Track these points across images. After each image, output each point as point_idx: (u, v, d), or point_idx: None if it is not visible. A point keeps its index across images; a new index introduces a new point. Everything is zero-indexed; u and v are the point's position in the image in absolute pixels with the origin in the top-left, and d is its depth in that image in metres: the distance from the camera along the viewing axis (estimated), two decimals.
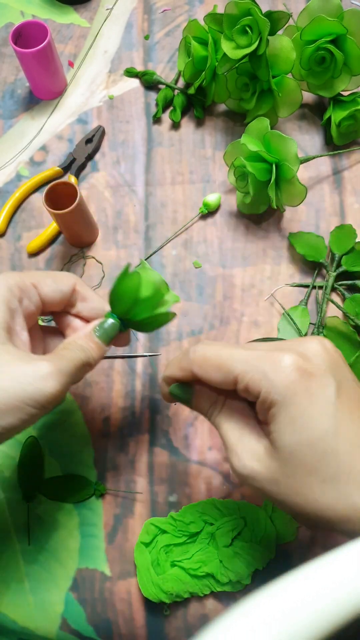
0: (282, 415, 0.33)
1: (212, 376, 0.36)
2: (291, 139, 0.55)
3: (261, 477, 0.34)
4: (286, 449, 0.33)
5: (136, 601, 0.51)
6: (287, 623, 0.28)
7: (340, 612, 0.28)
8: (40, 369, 0.36)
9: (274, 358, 0.34)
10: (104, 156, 0.67)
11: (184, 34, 0.64)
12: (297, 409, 0.33)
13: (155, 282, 0.41)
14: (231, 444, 0.36)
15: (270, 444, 0.34)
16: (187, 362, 0.37)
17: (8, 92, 0.71)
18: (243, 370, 0.34)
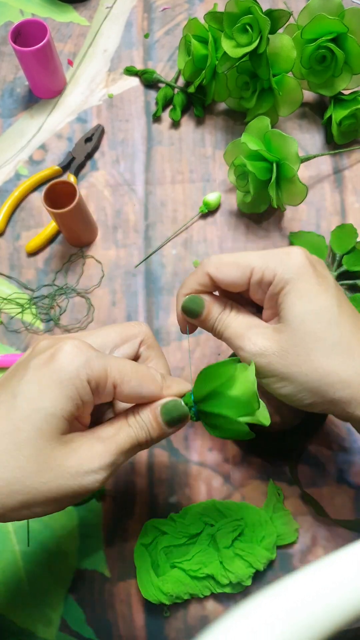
0: (294, 291, 0.38)
1: (230, 275, 0.39)
2: (292, 138, 0.55)
3: (271, 350, 0.38)
4: (296, 319, 0.37)
5: (136, 602, 0.51)
6: (288, 624, 0.28)
7: (340, 613, 0.28)
8: (89, 462, 0.33)
9: (285, 251, 0.39)
10: (104, 155, 0.67)
11: (184, 32, 0.64)
12: (306, 285, 0.38)
13: (251, 388, 0.36)
14: (241, 333, 0.40)
15: (278, 324, 0.39)
16: (203, 271, 0.40)
17: (7, 90, 0.70)
18: (260, 263, 0.39)
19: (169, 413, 0.36)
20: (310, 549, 0.52)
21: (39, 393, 0.32)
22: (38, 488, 0.32)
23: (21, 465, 0.32)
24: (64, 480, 0.32)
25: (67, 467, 0.33)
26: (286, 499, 0.53)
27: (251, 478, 0.54)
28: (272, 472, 0.54)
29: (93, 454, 0.33)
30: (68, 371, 0.33)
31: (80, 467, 0.33)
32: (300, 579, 0.29)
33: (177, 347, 0.59)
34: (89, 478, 0.33)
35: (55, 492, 0.32)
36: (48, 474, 0.32)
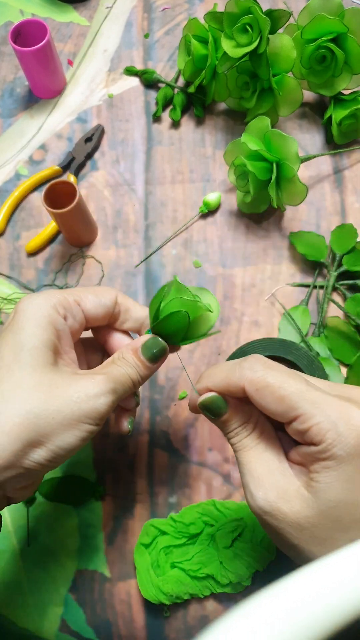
0: (339, 471, 0.32)
1: (269, 406, 0.33)
2: (292, 138, 0.55)
3: (285, 518, 0.33)
4: (330, 504, 0.32)
5: (136, 602, 0.51)
6: (288, 624, 0.28)
7: (341, 613, 0.28)
8: (91, 386, 0.36)
9: (348, 411, 0.32)
10: (104, 155, 0.67)
11: (184, 32, 0.64)
12: (356, 473, 0.31)
13: (198, 306, 0.39)
14: (257, 474, 0.34)
15: (306, 490, 0.33)
16: (240, 379, 0.35)
17: (7, 90, 0.70)
18: (310, 413, 0.32)
19: (149, 349, 0.39)
20: None
21: (14, 337, 0.36)
22: (54, 417, 0.34)
23: (27, 397, 0.34)
24: (76, 405, 0.35)
25: (72, 394, 0.35)
26: None
27: None
28: None
29: (94, 381, 0.36)
30: (31, 308, 0.37)
31: (86, 392, 0.36)
32: (300, 579, 0.29)
33: None
34: (99, 401, 0.36)
35: (70, 418, 0.35)
36: (57, 401, 0.35)
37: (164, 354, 0.40)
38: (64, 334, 0.39)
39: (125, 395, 0.39)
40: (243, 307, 0.60)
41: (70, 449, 0.35)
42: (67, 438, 0.35)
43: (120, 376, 0.38)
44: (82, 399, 0.35)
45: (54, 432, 0.34)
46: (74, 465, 0.55)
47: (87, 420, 0.36)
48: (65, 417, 0.35)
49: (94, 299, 0.41)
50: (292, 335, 0.58)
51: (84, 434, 0.36)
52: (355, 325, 0.56)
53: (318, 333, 0.58)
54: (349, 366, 0.56)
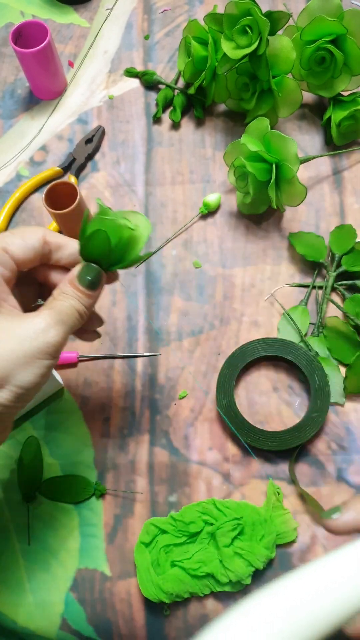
0: None
1: None
2: (291, 139, 0.55)
3: None
4: None
5: (136, 601, 0.51)
6: (287, 623, 0.28)
7: (339, 611, 0.29)
8: (38, 322, 0.37)
9: None
10: (104, 156, 0.67)
11: (184, 34, 0.64)
12: None
13: (120, 225, 0.39)
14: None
15: None
16: None
17: (8, 92, 0.71)
18: None
19: (84, 277, 0.40)
20: (310, 547, 0.52)
21: None
22: (8, 358, 0.35)
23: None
24: (28, 342, 0.36)
25: (21, 332, 0.36)
26: (285, 498, 0.53)
27: (251, 477, 0.54)
28: (271, 471, 0.54)
29: (41, 317, 0.37)
30: None
31: (35, 328, 0.36)
32: (300, 578, 0.30)
33: (178, 347, 0.59)
34: (50, 333, 0.37)
35: (24, 356, 0.36)
36: (9, 343, 0.36)
37: (100, 278, 0.40)
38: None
39: (75, 326, 0.39)
40: (243, 307, 0.60)
41: (31, 386, 0.36)
42: (26, 376, 0.36)
43: (64, 309, 0.38)
44: (32, 336, 0.36)
45: (11, 372, 0.35)
46: (75, 464, 0.55)
47: (42, 355, 0.36)
48: (19, 355, 0.35)
49: (20, 242, 0.40)
50: (292, 335, 0.58)
51: (42, 369, 0.36)
52: (354, 325, 0.57)
53: (317, 333, 0.58)
54: (347, 366, 0.56)
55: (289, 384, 0.57)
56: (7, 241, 0.40)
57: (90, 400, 0.57)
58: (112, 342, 0.60)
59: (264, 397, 0.57)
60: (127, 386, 0.58)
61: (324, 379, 0.54)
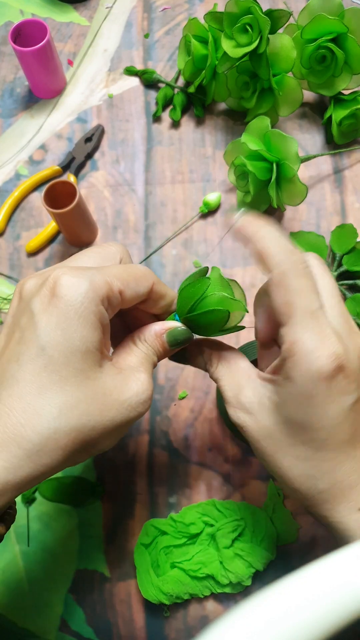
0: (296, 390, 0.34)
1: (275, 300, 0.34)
2: (292, 138, 0.55)
3: (250, 428, 0.37)
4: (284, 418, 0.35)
5: (136, 602, 0.51)
6: (288, 625, 0.28)
7: (340, 613, 0.28)
8: (142, 391, 0.35)
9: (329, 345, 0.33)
10: (104, 155, 0.67)
11: (184, 32, 0.64)
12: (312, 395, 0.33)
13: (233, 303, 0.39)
14: (228, 397, 0.38)
15: (268, 401, 0.36)
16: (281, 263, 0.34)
17: (7, 90, 0.70)
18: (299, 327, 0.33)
19: (175, 337, 0.38)
20: (310, 549, 0.52)
21: (64, 334, 0.31)
22: (107, 426, 0.33)
23: (85, 410, 0.32)
24: (127, 411, 0.34)
25: (125, 401, 0.34)
26: (286, 499, 0.53)
27: (251, 478, 0.54)
28: None
29: (142, 384, 0.35)
30: (80, 301, 0.31)
31: (137, 398, 0.34)
32: (300, 579, 0.29)
33: None
34: (144, 405, 0.35)
35: (120, 424, 0.34)
36: (112, 412, 0.33)
37: (188, 343, 0.39)
38: (107, 329, 0.35)
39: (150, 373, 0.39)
40: None
41: (111, 445, 0.35)
42: (111, 442, 0.35)
43: (151, 367, 0.38)
44: (133, 405, 0.34)
45: (101, 440, 0.34)
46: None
47: (127, 424, 0.35)
48: (117, 424, 0.34)
49: (134, 286, 0.36)
50: None
51: (124, 434, 0.36)
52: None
53: None
54: None
55: None
56: (123, 283, 0.35)
57: None
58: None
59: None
60: None
61: None
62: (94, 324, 0.32)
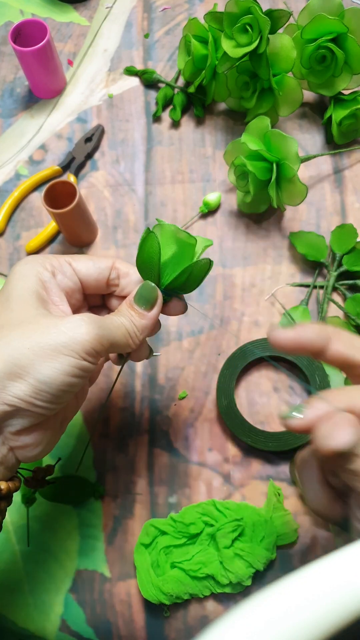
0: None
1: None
2: (292, 138, 0.55)
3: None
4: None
5: (136, 602, 0.51)
6: (288, 625, 0.28)
7: (341, 613, 0.28)
8: (72, 319, 0.35)
9: None
10: (104, 155, 0.67)
11: (184, 32, 0.64)
12: None
13: (176, 236, 0.39)
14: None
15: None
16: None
17: (7, 90, 0.70)
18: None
19: (140, 295, 0.39)
20: (310, 549, 0.52)
21: (3, 292, 0.38)
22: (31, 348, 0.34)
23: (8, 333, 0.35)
24: (54, 336, 0.35)
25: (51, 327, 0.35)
26: (286, 499, 0.53)
27: (251, 478, 0.54)
28: (272, 472, 0.54)
29: (76, 316, 0.36)
30: (20, 267, 0.39)
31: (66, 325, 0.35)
32: (300, 579, 0.29)
33: (177, 347, 0.59)
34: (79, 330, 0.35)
35: (47, 349, 0.34)
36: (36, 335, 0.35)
37: (154, 295, 0.39)
38: (51, 285, 0.39)
39: (120, 343, 0.38)
40: (243, 307, 0.60)
41: (51, 382, 0.34)
42: (46, 370, 0.34)
43: (112, 321, 0.38)
44: (60, 331, 0.35)
45: (32, 364, 0.34)
46: (74, 465, 0.55)
47: (67, 351, 0.34)
48: (42, 348, 0.34)
49: (87, 261, 0.41)
50: None
51: (65, 366, 0.34)
52: (355, 325, 0.56)
53: None
54: None
55: (289, 385, 0.57)
56: (74, 257, 0.41)
57: (89, 400, 0.57)
58: None
59: (264, 398, 0.56)
60: (127, 386, 0.57)
61: (325, 379, 0.54)
62: (28, 276, 0.38)
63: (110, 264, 0.42)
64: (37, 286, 0.38)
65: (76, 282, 0.41)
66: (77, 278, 0.41)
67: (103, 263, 0.42)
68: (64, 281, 0.40)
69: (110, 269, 0.42)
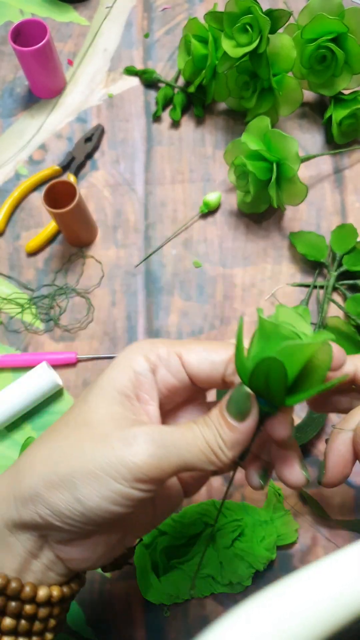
0: None
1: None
2: (292, 138, 0.55)
3: None
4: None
5: (136, 603, 0.51)
6: (288, 625, 0.28)
7: (340, 614, 0.28)
8: (130, 432, 0.29)
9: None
10: (104, 155, 0.67)
11: (184, 32, 0.64)
12: None
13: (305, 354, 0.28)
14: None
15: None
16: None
17: (7, 90, 0.70)
18: None
19: (233, 402, 0.30)
20: (310, 549, 0.52)
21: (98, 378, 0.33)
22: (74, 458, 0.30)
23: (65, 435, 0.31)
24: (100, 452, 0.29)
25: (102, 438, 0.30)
26: (286, 499, 0.53)
27: None
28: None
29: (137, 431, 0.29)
30: (122, 354, 0.33)
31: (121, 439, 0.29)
32: (301, 579, 0.29)
33: None
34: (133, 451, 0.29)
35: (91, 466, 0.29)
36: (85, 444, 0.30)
37: (248, 404, 0.30)
38: (146, 381, 0.32)
39: (193, 463, 0.30)
40: (243, 307, 0.60)
41: (87, 503, 0.28)
42: (84, 489, 0.28)
43: (181, 437, 0.30)
44: (110, 446, 0.29)
45: (73, 477, 0.29)
46: None
47: (112, 473, 0.28)
48: (85, 462, 0.29)
49: (201, 351, 0.33)
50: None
51: (105, 491, 0.28)
52: (355, 325, 0.56)
53: None
54: None
55: None
56: (185, 347, 0.33)
57: None
58: (111, 342, 0.59)
59: None
60: None
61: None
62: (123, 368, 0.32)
63: (227, 357, 0.33)
64: (127, 380, 0.32)
65: (182, 380, 0.33)
66: (185, 374, 0.33)
67: (218, 355, 0.33)
68: (165, 377, 0.33)
69: (227, 362, 0.32)
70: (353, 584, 0.29)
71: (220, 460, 0.30)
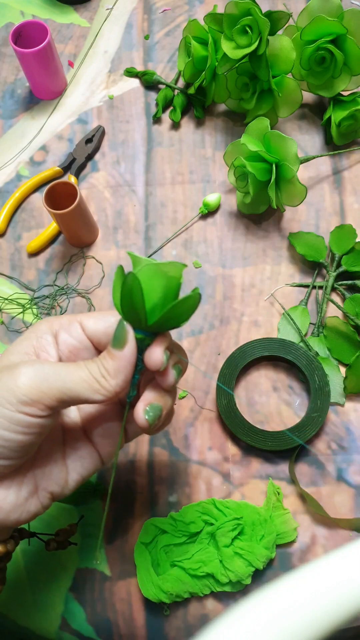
0: None
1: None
2: (291, 139, 0.55)
3: None
4: None
5: (136, 601, 0.51)
6: (287, 623, 0.28)
7: (339, 612, 0.29)
8: (19, 365, 0.33)
9: None
10: (104, 156, 0.67)
11: (184, 33, 0.64)
12: None
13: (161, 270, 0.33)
14: None
15: None
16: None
17: (8, 92, 0.71)
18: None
19: (114, 336, 0.34)
20: (310, 548, 0.52)
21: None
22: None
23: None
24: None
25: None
26: (285, 498, 0.53)
27: (251, 477, 0.54)
28: (271, 471, 0.54)
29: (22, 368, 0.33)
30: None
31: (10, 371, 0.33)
32: (300, 578, 0.30)
33: None
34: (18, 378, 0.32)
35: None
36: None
37: (122, 331, 0.34)
38: (46, 343, 0.37)
39: (80, 390, 0.33)
40: (243, 307, 0.60)
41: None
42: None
43: (63, 367, 0.33)
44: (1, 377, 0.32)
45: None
46: None
47: (0, 400, 0.32)
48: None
49: (97, 315, 0.38)
50: (292, 335, 0.58)
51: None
52: (354, 325, 0.57)
53: (317, 333, 0.58)
54: (347, 366, 0.56)
55: (289, 384, 0.57)
56: (86, 315, 0.38)
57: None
58: None
59: (263, 397, 0.57)
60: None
61: (324, 379, 0.54)
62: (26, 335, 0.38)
63: (118, 316, 0.37)
64: (28, 343, 0.37)
65: (82, 341, 0.38)
66: (85, 337, 0.38)
67: (112, 316, 0.38)
68: (67, 340, 0.38)
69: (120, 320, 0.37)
70: (352, 583, 0.29)
71: (104, 388, 0.33)
